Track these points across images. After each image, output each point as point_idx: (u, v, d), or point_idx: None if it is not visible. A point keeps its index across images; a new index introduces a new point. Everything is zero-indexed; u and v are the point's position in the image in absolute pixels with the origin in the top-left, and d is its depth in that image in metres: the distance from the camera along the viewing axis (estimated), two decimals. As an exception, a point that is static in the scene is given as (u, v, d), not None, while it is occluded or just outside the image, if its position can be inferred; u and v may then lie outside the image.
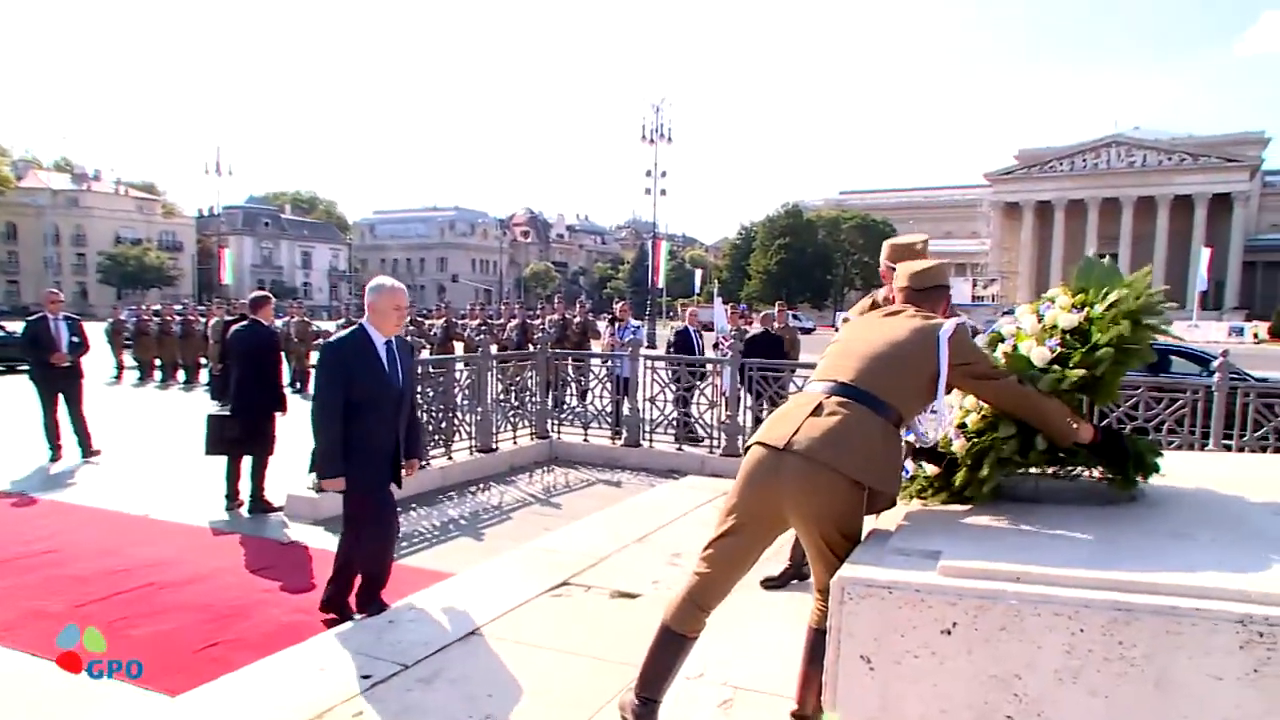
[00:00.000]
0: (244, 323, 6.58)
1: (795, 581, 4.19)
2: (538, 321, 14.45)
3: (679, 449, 8.34)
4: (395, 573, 4.22)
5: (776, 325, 10.01)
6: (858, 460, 2.25)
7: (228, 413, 6.33)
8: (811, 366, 4.20)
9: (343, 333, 4.13)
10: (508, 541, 5.45)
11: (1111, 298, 2.45)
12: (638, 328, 12.15)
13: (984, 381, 2.40)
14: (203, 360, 16.58)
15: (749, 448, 2.46)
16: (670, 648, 2.54)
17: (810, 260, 64.17)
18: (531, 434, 8.71)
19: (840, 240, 64.70)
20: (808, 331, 35.56)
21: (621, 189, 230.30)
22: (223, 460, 6.41)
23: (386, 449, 4.06)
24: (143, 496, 6.63)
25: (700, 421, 8.49)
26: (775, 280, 62.56)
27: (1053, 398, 2.39)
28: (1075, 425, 2.39)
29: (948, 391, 2.42)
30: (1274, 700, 1.64)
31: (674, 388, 8.48)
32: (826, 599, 2.13)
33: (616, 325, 12.01)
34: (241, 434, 6.24)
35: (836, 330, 3.93)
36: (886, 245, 3.55)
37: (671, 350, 10.33)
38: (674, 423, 8.48)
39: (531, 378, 8.81)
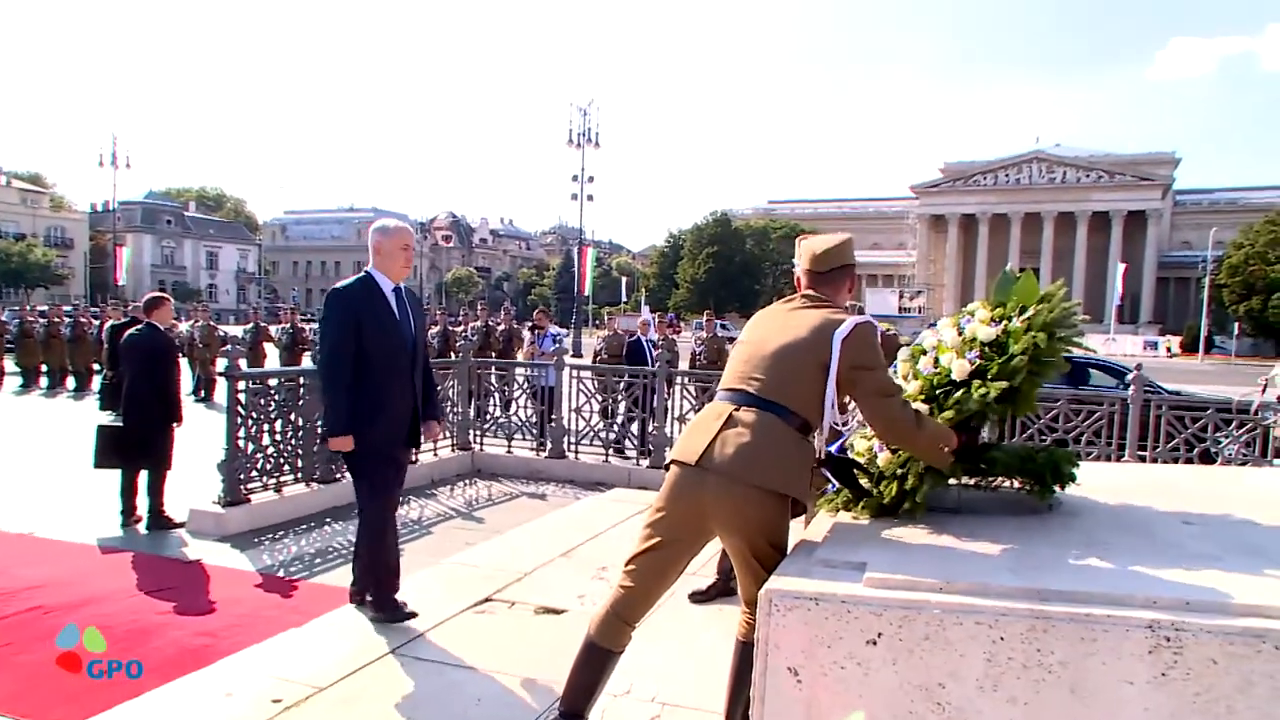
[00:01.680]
0: (138, 326, 6.20)
1: (722, 596, 4.19)
2: (460, 329, 14.18)
3: (606, 460, 8.29)
4: (308, 591, 4.06)
5: (705, 334, 10.07)
6: (774, 472, 2.26)
7: (119, 423, 5.96)
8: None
9: (349, 279, 3.82)
10: (428, 557, 5.29)
11: (1028, 312, 2.53)
12: (558, 335, 12.04)
13: (867, 398, 2.31)
14: (95, 366, 15.64)
15: (669, 465, 2.44)
16: (595, 662, 2.50)
17: (738, 269, 64.93)
18: (453, 445, 8.51)
19: (769, 250, 65.59)
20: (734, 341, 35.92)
21: (547, 194, 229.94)
22: (116, 474, 6.03)
23: (403, 409, 3.77)
24: (26, 513, 6.16)
25: (629, 433, 8.46)
26: (703, 289, 63.17)
27: (931, 427, 2.33)
28: (947, 451, 2.35)
29: (839, 394, 2.33)
30: (1180, 702, 1.70)
31: (600, 398, 8.41)
32: (754, 611, 2.13)
33: (537, 333, 11.88)
34: (134, 446, 5.87)
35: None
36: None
37: (622, 361, 9.91)
38: (600, 434, 8.41)
39: (453, 387, 8.63)
